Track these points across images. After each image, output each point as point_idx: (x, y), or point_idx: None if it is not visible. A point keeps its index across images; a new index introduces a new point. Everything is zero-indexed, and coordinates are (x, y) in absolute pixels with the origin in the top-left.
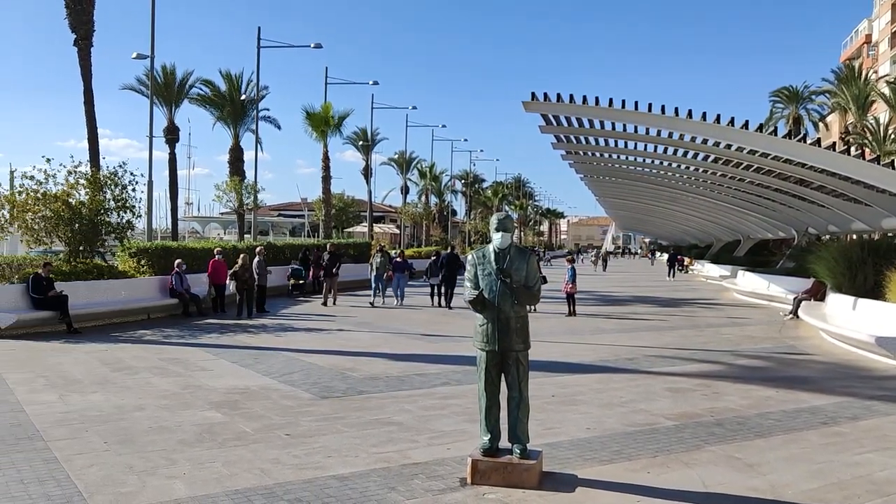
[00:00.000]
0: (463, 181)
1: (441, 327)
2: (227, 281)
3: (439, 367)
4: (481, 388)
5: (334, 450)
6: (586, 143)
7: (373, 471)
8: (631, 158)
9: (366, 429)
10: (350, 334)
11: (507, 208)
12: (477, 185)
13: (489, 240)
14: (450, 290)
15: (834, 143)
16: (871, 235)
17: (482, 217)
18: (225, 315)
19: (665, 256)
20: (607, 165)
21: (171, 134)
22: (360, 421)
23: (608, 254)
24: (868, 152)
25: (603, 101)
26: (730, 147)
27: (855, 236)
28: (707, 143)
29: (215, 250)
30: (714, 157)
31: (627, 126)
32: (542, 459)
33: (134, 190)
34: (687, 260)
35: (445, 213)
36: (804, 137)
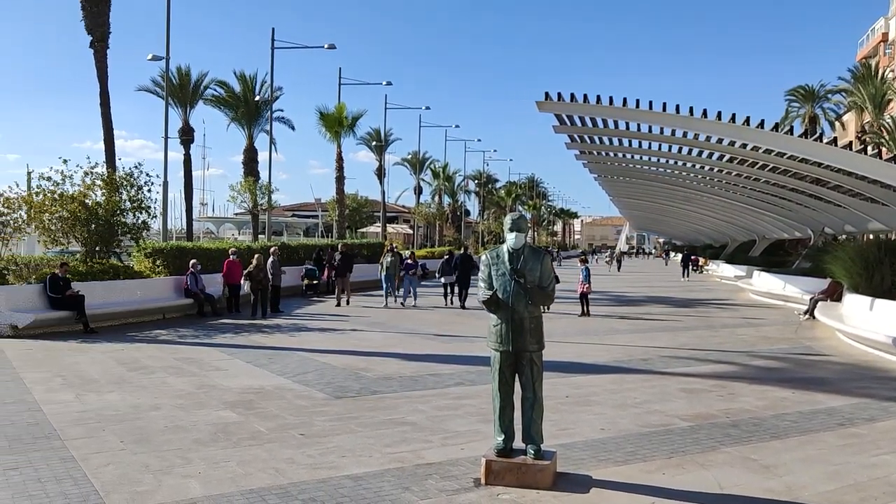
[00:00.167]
0: (476, 181)
1: (454, 327)
2: (242, 281)
3: (452, 368)
4: (495, 388)
5: (348, 450)
6: (600, 142)
7: (387, 471)
8: (645, 158)
9: (379, 429)
10: (363, 334)
11: (521, 208)
12: (490, 186)
13: (502, 240)
14: (464, 289)
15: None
16: (888, 235)
17: (495, 217)
18: (239, 315)
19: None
20: (621, 165)
21: (186, 135)
22: (374, 421)
23: (622, 254)
24: (885, 151)
25: (617, 100)
26: (745, 146)
27: (872, 236)
28: (722, 142)
29: (230, 251)
30: (729, 157)
31: (642, 126)
32: (557, 460)
33: (149, 191)
34: (702, 260)
35: (459, 214)
36: (820, 137)
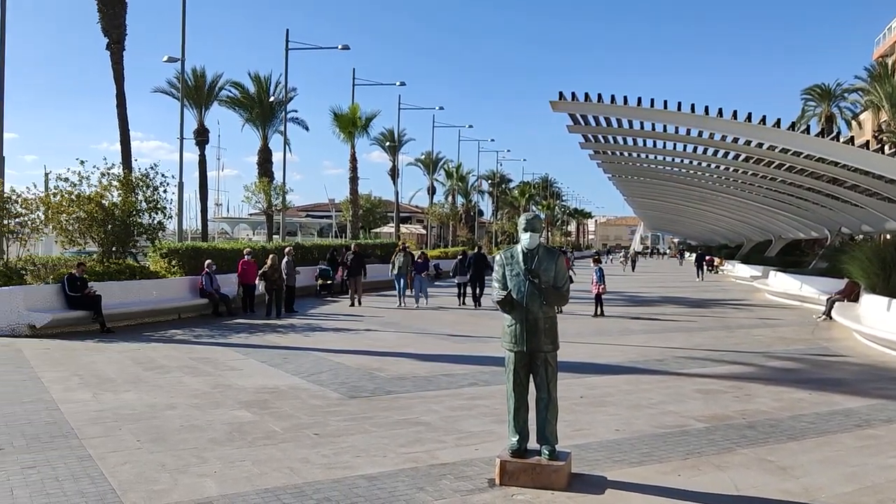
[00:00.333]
0: (490, 181)
1: (468, 328)
2: (257, 281)
3: (466, 368)
4: (509, 388)
5: (363, 449)
6: (614, 142)
7: (401, 471)
8: (660, 158)
9: (394, 429)
10: (377, 334)
11: (535, 208)
12: (504, 186)
13: (516, 240)
14: (478, 289)
15: (867, 141)
16: None
17: (509, 217)
18: (254, 315)
19: (693, 257)
20: (636, 165)
21: (201, 136)
22: (388, 421)
23: (637, 254)
24: None
25: (631, 100)
26: (761, 146)
27: (889, 236)
28: (738, 141)
29: (245, 251)
30: (745, 157)
31: (656, 125)
32: (571, 461)
33: (165, 191)
34: (717, 260)
35: (472, 214)
36: (837, 136)
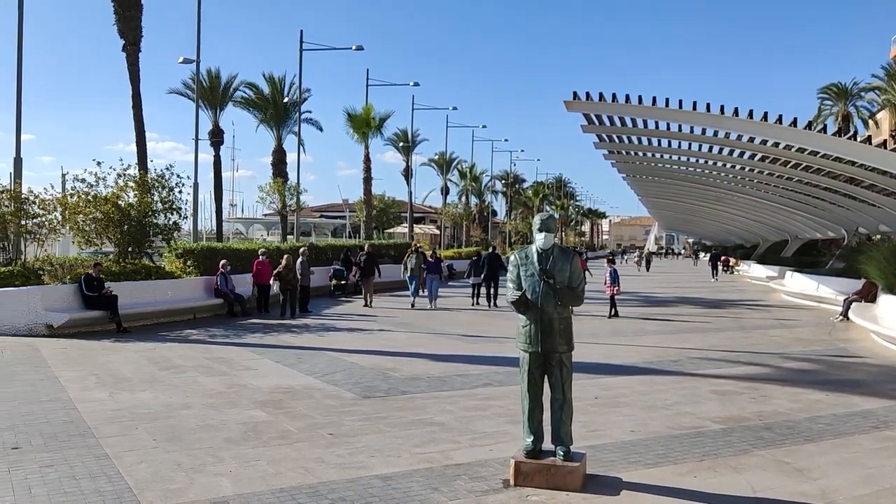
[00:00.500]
0: (503, 181)
1: (482, 328)
2: (272, 281)
3: (480, 368)
4: (524, 389)
5: (377, 449)
6: (629, 142)
7: (415, 471)
8: (674, 157)
9: (408, 429)
10: (391, 334)
11: (548, 208)
12: (517, 186)
13: (530, 240)
14: (491, 288)
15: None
16: None
17: (523, 217)
18: (268, 315)
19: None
20: (650, 165)
21: (216, 137)
22: (403, 421)
23: (651, 254)
24: None
25: (646, 99)
26: (777, 145)
27: None
28: (754, 141)
29: (259, 251)
30: (761, 156)
31: (671, 125)
32: (586, 462)
33: (180, 192)
34: (733, 260)
35: (486, 214)
36: (854, 135)
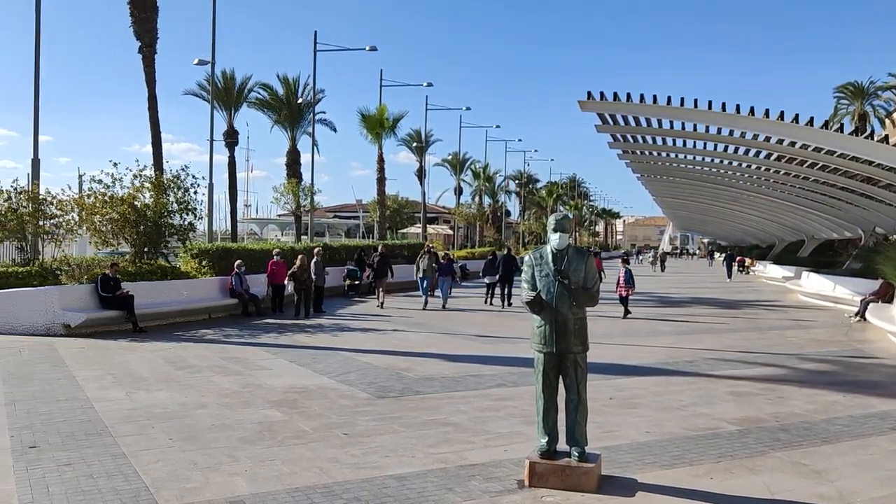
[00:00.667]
0: (517, 181)
1: (496, 328)
2: (286, 281)
3: (494, 369)
4: (539, 390)
5: (391, 450)
6: (643, 142)
7: (430, 471)
8: (689, 157)
9: (422, 429)
10: (405, 335)
11: (562, 208)
12: (531, 186)
13: (543, 241)
14: (506, 288)
15: None
16: None
17: (536, 217)
18: (283, 315)
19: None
20: (665, 164)
21: (231, 138)
22: (417, 421)
23: (666, 254)
24: None
25: (661, 99)
26: (793, 145)
27: None
28: (770, 140)
29: (274, 251)
30: (777, 156)
31: (686, 124)
32: (601, 463)
33: (195, 192)
34: (748, 261)
35: (499, 214)
36: (871, 134)
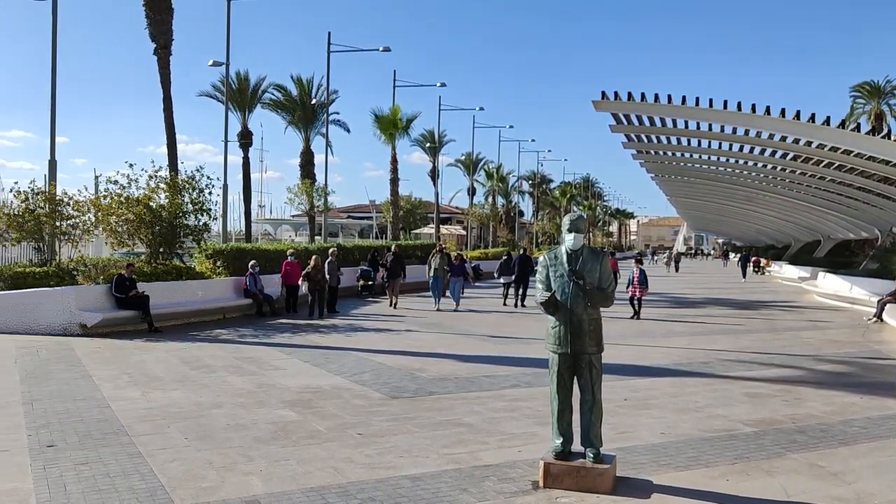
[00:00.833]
0: (530, 182)
1: (510, 329)
2: (300, 282)
3: (508, 369)
4: (553, 390)
5: (405, 450)
6: (657, 141)
7: (444, 472)
8: (704, 157)
9: (436, 429)
10: (419, 335)
11: (576, 209)
12: (544, 186)
13: (557, 241)
14: (521, 289)
15: None
16: None
17: (550, 218)
18: (297, 315)
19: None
20: (679, 164)
21: (245, 138)
22: (431, 421)
23: (680, 255)
24: None
25: (675, 99)
26: (810, 144)
27: None
28: (786, 140)
29: (288, 252)
30: (793, 155)
31: (701, 124)
32: (616, 464)
33: (210, 193)
34: (764, 261)
35: (512, 214)
36: (888, 134)
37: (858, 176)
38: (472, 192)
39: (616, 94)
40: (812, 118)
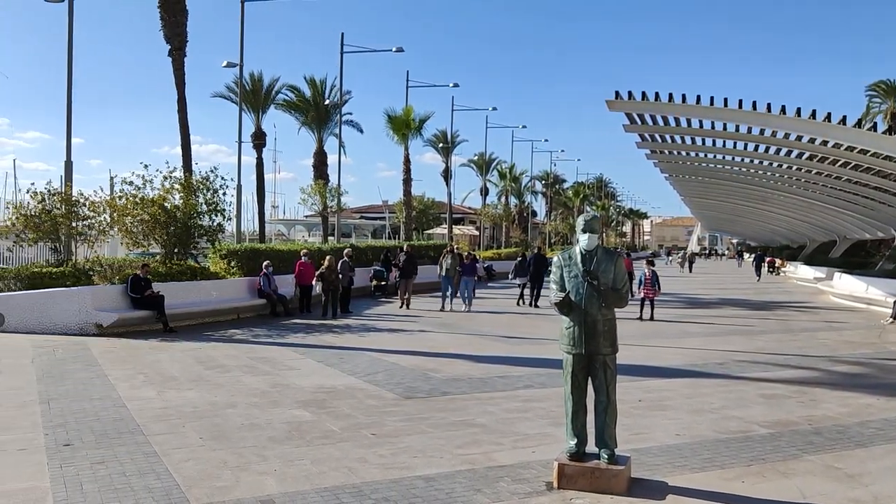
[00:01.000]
0: (543, 182)
1: (523, 329)
2: (314, 282)
3: (522, 370)
4: (567, 391)
5: (419, 450)
6: (671, 141)
7: (458, 472)
8: (718, 157)
9: (450, 430)
10: (432, 335)
11: (589, 209)
12: (557, 186)
13: (570, 241)
14: (535, 289)
15: None
16: None
17: (563, 218)
18: (310, 315)
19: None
20: (693, 164)
21: (259, 139)
22: (444, 422)
23: (694, 255)
24: None
25: (690, 98)
26: (825, 144)
27: None
28: (801, 139)
29: (301, 252)
30: (808, 155)
31: (715, 124)
32: (631, 465)
33: (224, 194)
34: (779, 261)
35: (525, 215)
36: None
37: (875, 175)
38: (484, 192)
39: (630, 93)
40: (828, 118)
